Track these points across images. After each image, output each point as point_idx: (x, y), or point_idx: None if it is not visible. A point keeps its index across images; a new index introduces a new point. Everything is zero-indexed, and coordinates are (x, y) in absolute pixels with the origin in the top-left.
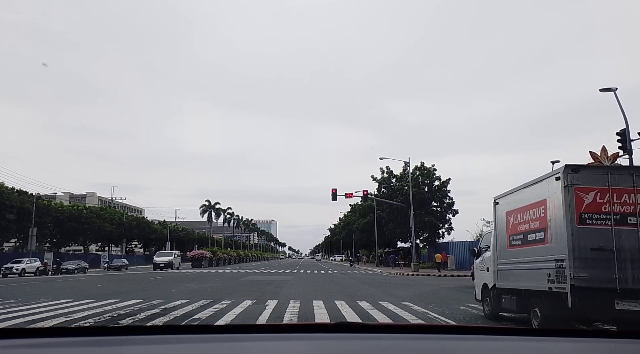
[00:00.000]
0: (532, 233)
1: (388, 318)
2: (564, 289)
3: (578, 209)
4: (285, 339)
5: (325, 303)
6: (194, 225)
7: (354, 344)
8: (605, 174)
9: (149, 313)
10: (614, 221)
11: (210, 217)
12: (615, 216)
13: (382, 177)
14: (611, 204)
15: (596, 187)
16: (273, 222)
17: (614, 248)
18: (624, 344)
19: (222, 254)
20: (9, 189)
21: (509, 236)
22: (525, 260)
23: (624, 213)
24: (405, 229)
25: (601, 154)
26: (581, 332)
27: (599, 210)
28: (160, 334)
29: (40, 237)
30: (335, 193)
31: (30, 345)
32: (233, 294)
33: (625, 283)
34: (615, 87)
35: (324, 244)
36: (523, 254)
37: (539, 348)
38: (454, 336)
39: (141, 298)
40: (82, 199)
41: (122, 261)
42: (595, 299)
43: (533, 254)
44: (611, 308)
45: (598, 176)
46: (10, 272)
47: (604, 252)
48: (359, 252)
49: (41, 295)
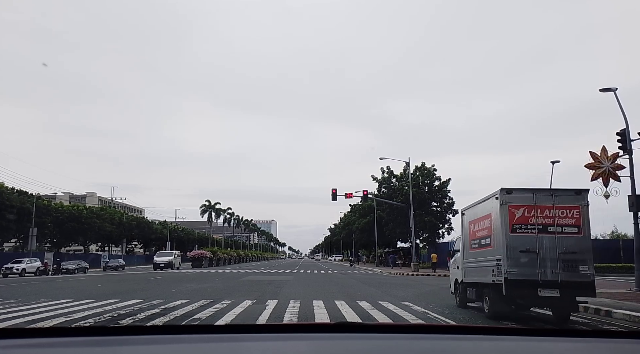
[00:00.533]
0: (483, 239)
1: (388, 318)
2: (500, 281)
3: (511, 221)
4: (285, 339)
5: (325, 302)
6: (194, 225)
7: (354, 344)
8: (531, 195)
9: (149, 313)
10: (538, 230)
11: (210, 217)
12: (538, 226)
13: (383, 177)
14: (536, 217)
15: (525, 205)
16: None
17: (537, 250)
18: (624, 344)
19: (222, 254)
20: (9, 189)
21: (470, 240)
22: (480, 260)
23: (545, 224)
24: (405, 229)
25: (601, 154)
26: (581, 332)
27: (526, 222)
28: (160, 334)
29: (41, 237)
30: (335, 193)
31: (30, 345)
32: (233, 294)
33: (545, 276)
34: (615, 87)
35: (324, 244)
36: (479, 255)
37: (539, 348)
38: (454, 336)
39: (141, 298)
40: (82, 199)
41: (119, 261)
42: (523, 288)
43: (484, 255)
44: (535, 295)
45: (526, 196)
46: (11, 272)
47: (530, 253)
48: (359, 253)
49: (41, 295)
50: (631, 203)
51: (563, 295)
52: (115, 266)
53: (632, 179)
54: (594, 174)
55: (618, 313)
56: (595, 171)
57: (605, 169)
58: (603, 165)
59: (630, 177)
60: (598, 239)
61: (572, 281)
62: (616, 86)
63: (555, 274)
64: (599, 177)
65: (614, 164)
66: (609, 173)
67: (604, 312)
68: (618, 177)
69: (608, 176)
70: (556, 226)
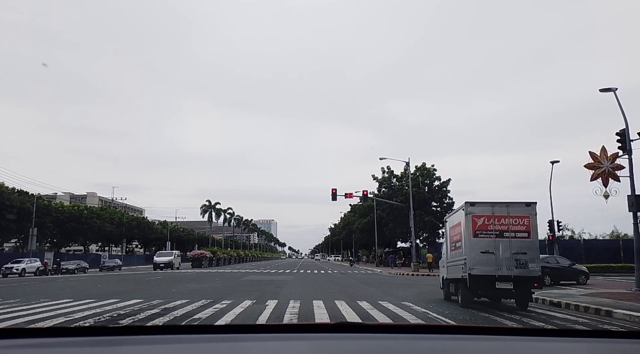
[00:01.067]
0: (457, 242)
1: (388, 318)
2: (466, 277)
3: (474, 228)
4: (285, 339)
5: (325, 302)
6: (194, 225)
7: (354, 344)
8: (490, 207)
9: (149, 313)
10: (495, 235)
11: (211, 217)
12: (496, 232)
13: (383, 177)
14: (494, 225)
15: (484, 215)
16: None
17: (494, 251)
18: (624, 344)
19: (222, 254)
20: (9, 189)
21: (450, 244)
22: (455, 260)
23: (501, 230)
24: (405, 229)
25: (601, 154)
26: (581, 332)
27: (486, 228)
28: (160, 334)
29: (41, 237)
30: (335, 193)
31: (30, 345)
32: (233, 294)
33: (501, 272)
34: (615, 87)
35: (324, 244)
36: (455, 256)
37: (539, 348)
38: (454, 336)
39: (141, 298)
40: (82, 199)
41: (115, 261)
42: (483, 282)
43: (457, 256)
44: (494, 287)
45: (486, 208)
46: (11, 272)
47: (489, 254)
48: (359, 252)
49: (41, 295)
50: (631, 203)
51: (516, 287)
52: (111, 266)
53: (632, 179)
54: (593, 174)
55: (618, 313)
56: (594, 171)
57: (605, 169)
58: (603, 165)
59: (630, 177)
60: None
61: (522, 276)
62: (616, 86)
63: (509, 270)
64: (599, 177)
65: (614, 164)
66: (608, 173)
67: (604, 312)
68: (617, 177)
69: (608, 176)
70: (510, 232)
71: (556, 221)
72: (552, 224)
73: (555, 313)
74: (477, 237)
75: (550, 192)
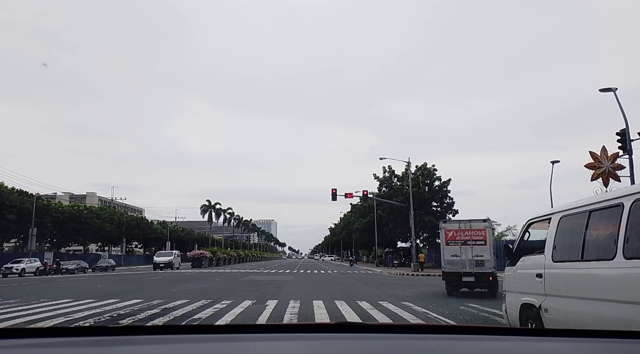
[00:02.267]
0: None
1: (388, 318)
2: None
3: (446, 238)
4: (285, 339)
5: (325, 302)
6: (194, 225)
7: (354, 344)
8: (457, 223)
9: (149, 313)
10: (461, 243)
11: (211, 217)
12: (461, 241)
13: (384, 176)
14: (460, 236)
15: (453, 229)
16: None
17: (460, 255)
18: (624, 344)
19: (222, 254)
20: (9, 189)
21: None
22: None
23: (465, 240)
24: (405, 229)
25: (601, 154)
26: (581, 332)
27: (454, 239)
28: (160, 334)
29: (40, 237)
30: (335, 193)
31: (30, 345)
32: (233, 294)
33: (465, 269)
34: (615, 87)
35: (324, 244)
36: None
37: (539, 348)
38: (454, 336)
39: (141, 298)
40: (82, 199)
41: (108, 261)
42: (453, 276)
43: None
44: (461, 280)
45: (454, 224)
46: (10, 272)
47: (457, 257)
48: (359, 252)
49: (41, 295)
50: None
51: (476, 280)
52: (104, 266)
53: (632, 179)
54: (594, 174)
55: None
56: (595, 170)
57: (605, 169)
58: (603, 165)
59: (630, 177)
60: None
61: (480, 272)
62: (616, 86)
63: (471, 268)
64: (599, 177)
65: (614, 164)
66: (609, 173)
67: None
68: (618, 177)
69: (608, 176)
70: (471, 241)
71: None
72: None
73: None
74: (448, 245)
75: (551, 192)
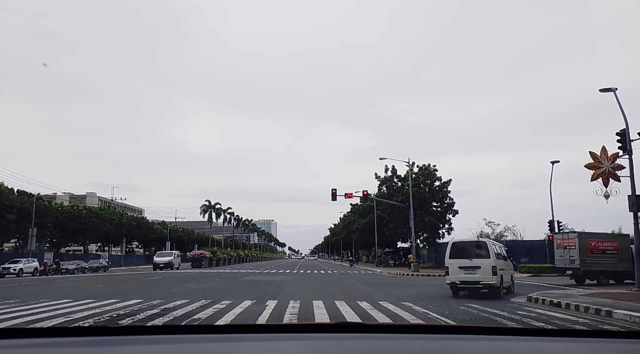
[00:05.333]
0: None
1: (388, 318)
2: None
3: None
4: (285, 339)
5: (325, 303)
6: (194, 225)
7: (354, 344)
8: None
9: (149, 313)
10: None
11: (211, 217)
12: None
13: (386, 176)
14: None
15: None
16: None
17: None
18: (624, 344)
19: (222, 255)
20: (9, 189)
21: None
22: None
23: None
24: (405, 229)
25: (601, 154)
26: (581, 332)
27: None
28: (160, 334)
29: (40, 237)
30: (335, 193)
31: (30, 345)
32: (233, 294)
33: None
34: (615, 87)
35: (324, 244)
36: None
37: (539, 348)
38: (454, 336)
39: (141, 298)
40: (82, 199)
41: (100, 261)
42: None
43: None
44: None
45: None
46: (8, 272)
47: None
48: (359, 253)
49: (41, 295)
50: (631, 203)
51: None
52: (95, 267)
53: (632, 179)
54: (594, 174)
55: (618, 313)
56: (595, 171)
57: (605, 169)
58: (603, 165)
59: (630, 177)
60: None
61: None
62: (616, 86)
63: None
64: (599, 177)
65: (614, 164)
66: (609, 173)
67: (604, 312)
68: (618, 177)
69: (608, 176)
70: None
71: (556, 221)
72: (552, 224)
73: (555, 313)
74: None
75: (551, 192)
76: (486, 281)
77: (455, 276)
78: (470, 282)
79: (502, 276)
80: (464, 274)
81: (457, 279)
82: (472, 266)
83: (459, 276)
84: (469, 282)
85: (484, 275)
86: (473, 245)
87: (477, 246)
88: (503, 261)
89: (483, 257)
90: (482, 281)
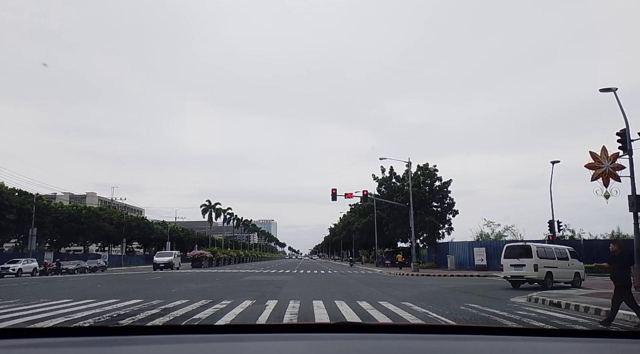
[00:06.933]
0: None
1: (388, 318)
2: None
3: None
4: (285, 339)
5: (325, 303)
6: (194, 225)
7: (354, 344)
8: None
9: (149, 313)
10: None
11: (211, 217)
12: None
13: (384, 176)
14: (513, 252)
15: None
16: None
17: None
18: (624, 344)
19: (222, 255)
20: (9, 189)
21: None
22: None
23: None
24: (405, 229)
25: (601, 154)
26: (581, 332)
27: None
28: (160, 334)
29: (40, 237)
30: (335, 193)
31: (30, 345)
32: (233, 294)
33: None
34: (615, 87)
35: (324, 244)
36: None
37: (539, 348)
38: (454, 336)
39: (141, 298)
40: (82, 199)
41: (97, 261)
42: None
43: None
44: None
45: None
46: (7, 272)
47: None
48: (359, 253)
49: (41, 295)
50: (631, 203)
51: None
52: (93, 267)
53: (632, 179)
54: (594, 174)
55: (618, 313)
56: (595, 171)
57: (605, 169)
58: (603, 165)
59: (631, 177)
60: (598, 239)
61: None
62: (616, 86)
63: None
64: (599, 177)
65: (614, 164)
66: (609, 173)
67: (604, 312)
68: (618, 177)
69: (608, 176)
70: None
71: (556, 221)
72: (552, 224)
73: (555, 313)
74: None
75: (551, 192)
76: (529, 275)
77: (507, 271)
78: (517, 276)
79: (549, 272)
80: (513, 271)
81: (509, 274)
82: (519, 264)
83: (510, 271)
84: (516, 276)
85: (528, 271)
86: (521, 248)
87: (524, 249)
88: (553, 260)
89: (527, 257)
90: (525, 275)
